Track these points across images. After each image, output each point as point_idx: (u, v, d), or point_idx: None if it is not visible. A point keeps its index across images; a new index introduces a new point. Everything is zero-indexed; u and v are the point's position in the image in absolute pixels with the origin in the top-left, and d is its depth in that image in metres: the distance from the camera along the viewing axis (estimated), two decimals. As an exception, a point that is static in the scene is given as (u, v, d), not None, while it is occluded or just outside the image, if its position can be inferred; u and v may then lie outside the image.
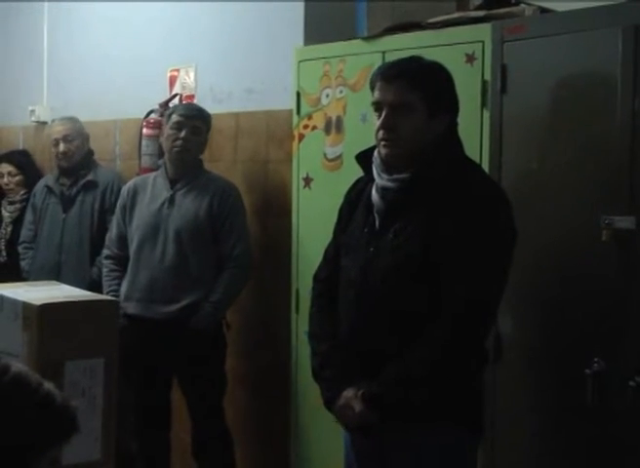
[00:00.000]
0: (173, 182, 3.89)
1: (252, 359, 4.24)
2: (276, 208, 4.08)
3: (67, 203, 4.60)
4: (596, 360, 2.73)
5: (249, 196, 4.15)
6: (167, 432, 4.05)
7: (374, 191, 2.56)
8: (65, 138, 4.62)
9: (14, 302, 2.35)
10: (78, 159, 4.64)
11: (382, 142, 2.50)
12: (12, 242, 4.99)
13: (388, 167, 2.52)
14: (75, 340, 2.31)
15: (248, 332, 4.23)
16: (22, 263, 4.78)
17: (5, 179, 5.09)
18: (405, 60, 2.60)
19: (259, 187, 4.17)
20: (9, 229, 5.08)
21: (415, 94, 2.46)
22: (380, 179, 2.53)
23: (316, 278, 2.83)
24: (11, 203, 5.10)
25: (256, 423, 4.24)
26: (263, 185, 4.15)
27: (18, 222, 5.00)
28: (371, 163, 2.60)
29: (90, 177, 4.58)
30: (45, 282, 2.74)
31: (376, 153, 2.59)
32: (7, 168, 5.11)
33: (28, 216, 4.83)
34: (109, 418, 2.38)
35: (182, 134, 3.84)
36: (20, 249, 4.83)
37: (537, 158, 2.93)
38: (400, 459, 2.53)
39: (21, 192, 5.07)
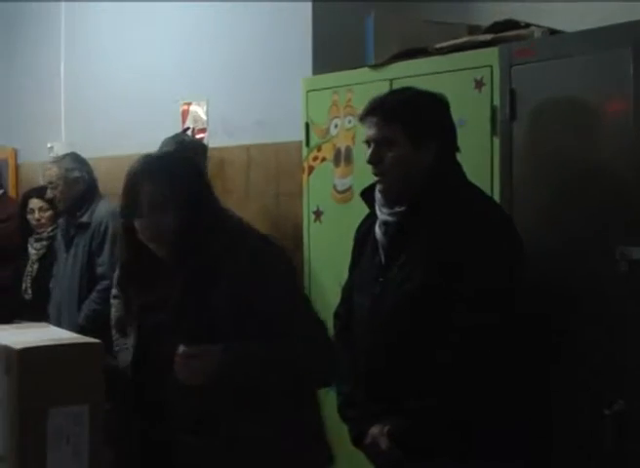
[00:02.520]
0: None
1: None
2: (288, 241, 3.98)
3: (69, 243, 4.57)
4: (615, 399, 2.57)
5: (261, 229, 4.05)
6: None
7: (376, 227, 2.58)
8: (50, 185, 4.59)
9: (-5, 346, 2.26)
10: (68, 203, 4.57)
11: (375, 178, 2.53)
12: (38, 280, 4.92)
13: (389, 201, 2.52)
14: (59, 386, 2.22)
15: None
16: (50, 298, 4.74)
17: (36, 215, 5.00)
18: (386, 94, 2.64)
19: (271, 220, 4.09)
20: (35, 267, 5.00)
21: (393, 127, 2.46)
22: (381, 214, 2.55)
23: (336, 315, 2.84)
24: (38, 240, 5.03)
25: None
26: (275, 218, 4.08)
27: (44, 260, 4.94)
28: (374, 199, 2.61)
29: (83, 219, 4.51)
30: (35, 323, 2.65)
31: (377, 189, 2.59)
32: (38, 203, 5.02)
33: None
34: (95, 467, 2.27)
35: None
36: (50, 284, 4.77)
37: (548, 186, 2.80)
38: None
39: (50, 229, 5.00)
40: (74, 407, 2.24)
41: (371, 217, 2.68)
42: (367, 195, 2.64)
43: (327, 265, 3.58)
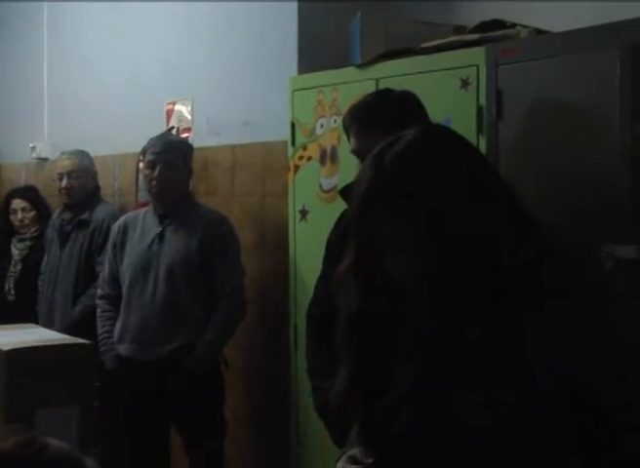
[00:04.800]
0: (162, 218, 3.78)
1: (253, 398, 4.13)
2: (274, 241, 3.98)
3: (64, 239, 4.51)
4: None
5: (247, 230, 4.05)
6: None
7: None
8: (70, 174, 4.52)
9: (-17, 348, 2.24)
10: (80, 196, 4.54)
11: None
12: (21, 280, 4.88)
13: None
14: (48, 387, 2.22)
15: (248, 370, 4.11)
16: (38, 297, 4.69)
17: (19, 215, 4.95)
18: (376, 101, 2.57)
19: (256, 221, 4.08)
20: (18, 267, 4.95)
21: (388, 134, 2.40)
22: None
23: (310, 314, 2.83)
24: (21, 240, 4.98)
25: (257, 464, 4.11)
26: (261, 219, 4.06)
27: (27, 260, 4.89)
28: None
29: (84, 216, 4.47)
30: (24, 325, 2.64)
31: None
32: (21, 204, 4.98)
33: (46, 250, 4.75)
34: (85, 468, 2.26)
35: (156, 172, 3.71)
36: (39, 281, 4.72)
37: (534, 186, 2.81)
38: None
39: (33, 229, 4.96)
40: (64, 409, 2.24)
41: (347, 215, 2.63)
42: (346, 193, 2.61)
43: (313, 264, 3.55)
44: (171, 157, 3.74)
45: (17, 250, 4.97)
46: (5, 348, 2.17)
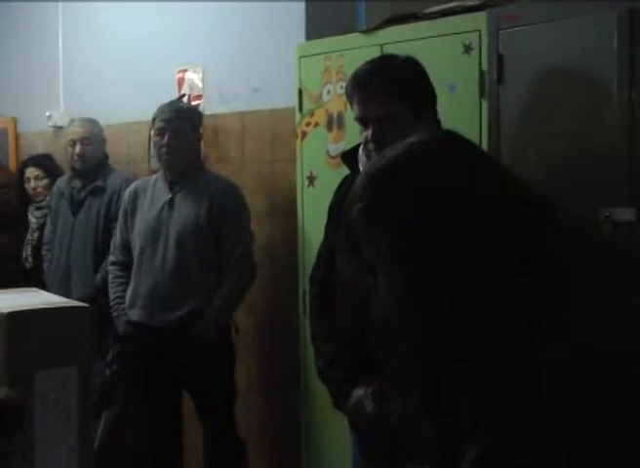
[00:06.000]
0: (172, 185, 3.81)
1: (265, 361, 4.17)
2: (284, 207, 4.01)
3: (76, 207, 4.52)
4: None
5: (257, 196, 4.08)
6: (178, 440, 3.97)
7: None
8: (83, 141, 4.55)
9: (-16, 310, 2.29)
10: (93, 163, 4.57)
11: (375, 153, 2.44)
12: (39, 248, 4.90)
13: None
14: (46, 349, 2.26)
15: (260, 334, 4.16)
16: (44, 266, 4.73)
17: (32, 184, 4.98)
18: (379, 67, 2.52)
19: (266, 187, 4.10)
20: (35, 235, 4.98)
21: (398, 103, 2.42)
22: None
23: (312, 279, 2.84)
24: (38, 208, 5.01)
25: (269, 427, 4.17)
26: (271, 185, 4.08)
27: (44, 228, 4.90)
28: (357, 161, 2.57)
29: (98, 183, 4.49)
30: (26, 289, 2.68)
31: (361, 151, 2.56)
32: (34, 172, 5.01)
33: (49, 218, 4.79)
34: (85, 428, 2.31)
35: (165, 140, 3.74)
36: (43, 251, 4.78)
37: (534, 149, 2.82)
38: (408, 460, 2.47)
39: (48, 197, 4.99)
40: (62, 369, 2.28)
41: (349, 180, 2.66)
42: (349, 157, 2.63)
43: (320, 229, 3.57)
44: (180, 124, 3.77)
45: (34, 217, 5.01)
46: (5, 311, 2.21)
